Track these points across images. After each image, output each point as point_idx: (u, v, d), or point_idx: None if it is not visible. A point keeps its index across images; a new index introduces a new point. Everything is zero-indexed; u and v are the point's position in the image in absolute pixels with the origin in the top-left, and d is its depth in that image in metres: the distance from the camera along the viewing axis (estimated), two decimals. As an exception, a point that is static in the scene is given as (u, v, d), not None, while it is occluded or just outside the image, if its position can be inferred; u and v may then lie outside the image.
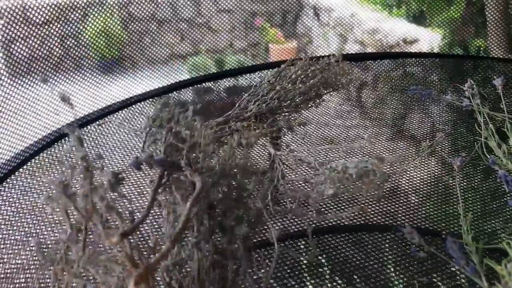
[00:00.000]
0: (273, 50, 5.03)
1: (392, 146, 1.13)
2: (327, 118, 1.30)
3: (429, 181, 1.05)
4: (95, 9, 3.11)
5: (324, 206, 0.85)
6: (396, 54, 1.15)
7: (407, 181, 1.07)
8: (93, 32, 3.33)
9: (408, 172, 1.10)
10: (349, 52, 4.48)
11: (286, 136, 0.58)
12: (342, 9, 4.71)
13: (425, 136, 1.11)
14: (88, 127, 0.90)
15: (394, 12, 4.59)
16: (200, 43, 4.72)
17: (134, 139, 0.95)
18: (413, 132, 1.18)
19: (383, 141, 1.17)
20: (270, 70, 0.85)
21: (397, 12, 4.54)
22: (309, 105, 0.60)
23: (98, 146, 0.90)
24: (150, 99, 1.03)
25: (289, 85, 0.58)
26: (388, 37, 4.08)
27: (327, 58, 0.61)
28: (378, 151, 1.06)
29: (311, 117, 1.04)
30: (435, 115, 1.18)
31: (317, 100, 0.60)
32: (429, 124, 1.16)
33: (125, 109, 0.98)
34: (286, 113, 0.59)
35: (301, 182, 0.44)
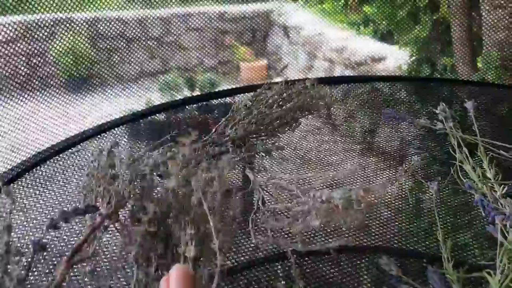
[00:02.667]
0: (244, 68, 5.05)
1: (363, 161, 1.14)
2: (299, 133, 1.29)
3: (400, 196, 1.06)
4: (62, 27, 3.06)
5: (307, 234, 0.84)
6: (368, 78, 1.16)
7: (379, 197, 1.08)
8: (61, 50, 3.27)
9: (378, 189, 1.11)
10: (325, 73, 4.54)
11: (261, 159, 0.57)
12: (310, 27, 4.78)
13: (394, 151, 1.12)
14: (61, 155, 0.86)
15: (361, 30, 4.68)
16: (170, 61, 4.70)
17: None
18: (383, 148, 1.19)
19: (354, 156, 1.17)
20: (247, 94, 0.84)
21: (364, 30, 4.63)
22: (286, 129, 0.59)
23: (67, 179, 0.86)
24: (125, 125, 0.99)
25: (266, 109, 0.57)
26: (355, 55, 4.14)
27: (303, 82, 0.61)
28: (348, 166, 1.07)
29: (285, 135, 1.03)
30: (403, 130, 1.20)
31: (294, 124, 0.60)
32: (398, 140, 1.18)
33: (100, 136, 0.93)
34: (264, 137, 0.58)
35: (283, 210, 0.42)
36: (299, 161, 1.07)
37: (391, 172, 0.95)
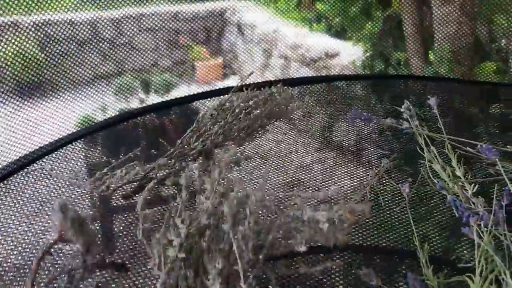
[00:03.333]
0: (199, 68, 5.01)
1: (321, 156, 1.15)
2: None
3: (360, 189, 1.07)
4: (9, 31, 2.95)
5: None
6: (332, 77, 1.16)
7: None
8: (8, 54, 3.15)
9: (338, 182, 1.12)
10: (281, 70, 4.55)
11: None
12: (265, 25, 4.79)
13: (351, 146, 1.13)
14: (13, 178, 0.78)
15: (314, 27, 4.73)
16: (124, 63, 4.60)
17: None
18: (341, 142, 1.20)
19: (312, 152, 1.18)
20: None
21: (318, 27, 4.68)
22: (254, 137, 0.58)
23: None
24: (84, 138, 0.94)
25: (233, 118, 0.55)
26: (310, 52, 4.18)
27: (269, 88, 0.60)
28: (307, 162, 1.07)
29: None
30: (360, 125, 1.21)
31: (262, 131, 0.58)
32: (355, 134, 1.19)
33: (56, 152, 0.86)
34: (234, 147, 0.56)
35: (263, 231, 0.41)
36: (258, 160, 1.06)
37: (358, 170, 0.96)
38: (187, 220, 0.39)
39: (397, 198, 0.61)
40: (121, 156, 0.58)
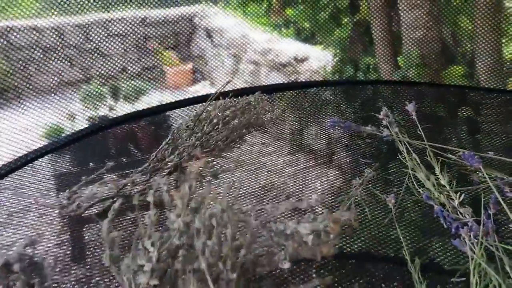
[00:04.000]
0: (169, 73, 4.96)
1: (292, 159, 1.15)
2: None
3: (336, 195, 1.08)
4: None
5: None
6: (308, 84, 1.15)
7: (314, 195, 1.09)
8: (-30, 62, 3.06)
9: (313, 185, 1.12)
10: (251, 76, 4.55)
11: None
12: (233, 30, 4.78)
13: (327, 151, 1.13)
14: None
15: (283, 32, 4.76)
16: (91, 70, 4.52)
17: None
18: (311, 146, 1.20)
19: (284, 155, 1.18)
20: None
21: (286, 32, 4.70)
22: (232, 147, 0.56)
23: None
24: (51, 154, 0.90)
25: (210, 129, 0.53)
26: (280, 57, 4.20)
27: (247, 98, 0.58)
28: (279, 166, 1.07)
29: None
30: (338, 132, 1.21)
31: (240, 141, 0.57)
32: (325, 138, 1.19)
33: (24, 168, 0.81)
34: (209, 160, 0.54)
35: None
36: (231, 164, 1.05)
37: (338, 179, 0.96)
38: (157, 242, 0.37)
39: (383, 209, 0.60)
40: (92, 169, 0.56)
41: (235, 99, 0.59)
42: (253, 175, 0.91)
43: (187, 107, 1.00)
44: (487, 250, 0.38)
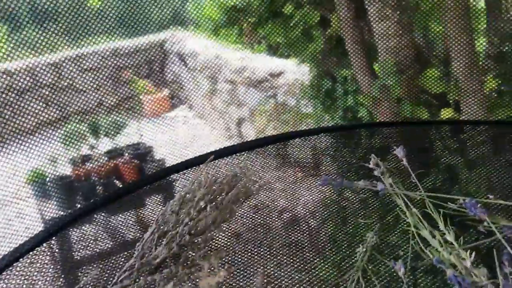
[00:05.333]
0: (146, 102, 4.93)
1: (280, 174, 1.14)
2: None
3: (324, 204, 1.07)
4: None
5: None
6: (293, 134, 1.12)
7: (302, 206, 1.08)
8: None
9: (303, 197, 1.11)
10: (229, 95, 4.54)
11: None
12: (206, 52, 4.79)
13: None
14: None
15: (256, 48, 4.78)
16: (67, 107, 4.47)
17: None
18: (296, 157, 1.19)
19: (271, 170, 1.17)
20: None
21: (259, 48, 4.73)
22: (222, 226, 0.53)
23: None
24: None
25: (198, 212, 0.50)
26: (256, 73, 4.21)
27: (231, 171, 0.55)
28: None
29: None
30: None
31: (230, 217, 0.54)
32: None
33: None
34: (200, 246, 0.51)
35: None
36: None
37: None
38: None
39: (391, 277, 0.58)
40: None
41: (219, 175, 0.55)
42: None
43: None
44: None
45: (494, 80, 1.84)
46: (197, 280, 0.43)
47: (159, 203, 1.01)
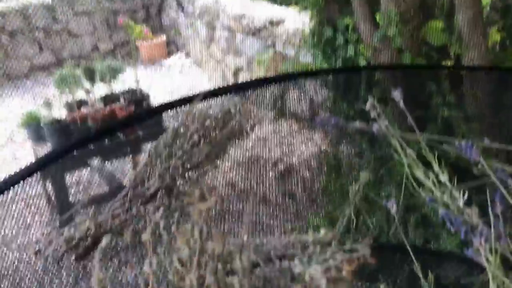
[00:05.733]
0: (143, 47, 4.84)
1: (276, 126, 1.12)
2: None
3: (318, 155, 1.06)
4: None
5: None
6: (280, 77, 1.07)
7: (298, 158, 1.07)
8: None
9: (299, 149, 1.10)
10: (227, 42, 4.45)
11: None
12: (205, -3, 4.66)
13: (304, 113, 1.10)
14: None
15: (256, -6, 4.64)
16: (62, 52, 4.39)
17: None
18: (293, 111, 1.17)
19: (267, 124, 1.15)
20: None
21: (260, -6, 4.59)
22: (215, 162, 0.51)
23: None
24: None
25: (191, 146, 0.48)
26: (255, 21, 4.10)
27: (226, 106, 0.52)
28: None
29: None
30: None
31: (223, 153, 0.52)
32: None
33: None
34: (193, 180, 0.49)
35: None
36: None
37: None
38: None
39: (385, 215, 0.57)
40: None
41: (213, 109, 0.53)
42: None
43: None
44: (502, 255, 0.36)
45: (498, 33, 1.79)
46: (188, 210, 0.41)
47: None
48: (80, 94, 2.49)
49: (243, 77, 4.32)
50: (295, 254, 0.35)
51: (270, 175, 1.12)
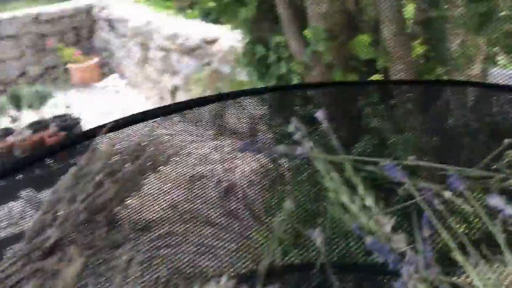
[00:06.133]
0: (74, 70, 4.69)
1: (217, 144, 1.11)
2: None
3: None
4: None
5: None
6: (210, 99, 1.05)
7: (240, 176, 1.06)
8: None
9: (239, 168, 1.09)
10: (162, 62, 4.40)
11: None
12: (137, 18, 4.59)
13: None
14: None
15: (189, 14, 4.63)
16: (-14, 77, 4.18)
17: None
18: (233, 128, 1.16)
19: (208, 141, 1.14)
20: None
21: (192, 13, 4.59)
22: (126, 200, 0.47)
23: None
24: None
25: (95, 188, 0.43)
26: (189, 40, 4.09)
27: (136, 139, 0.49)
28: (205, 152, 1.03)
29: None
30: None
31: (135, 191, 0.48)
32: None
33: None
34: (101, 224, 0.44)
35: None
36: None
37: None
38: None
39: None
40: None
41: (122, 142, 0.50)
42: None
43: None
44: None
45: (422, 45, 1.86)
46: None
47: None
48: (6, 122, 2.37)
49: (180, 97, 4.27)
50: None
51: (213, 194, 1.10)
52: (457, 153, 0.96)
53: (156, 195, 0.87)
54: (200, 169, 1.10)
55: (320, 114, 0.51)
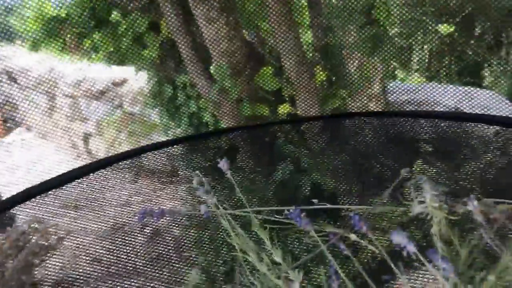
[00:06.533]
0: (-26, 129, 4.40)
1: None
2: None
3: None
4: None
5: None
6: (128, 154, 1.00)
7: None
8: None
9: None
10: (71, 109, 4.22)
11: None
12: (38, 67, 4.40)
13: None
14: None
15: (94, 57, 4.52)
16: None
17: None
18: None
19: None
20: None
21: (98, 57, 4.48)
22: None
23: None
24: None
25: None
26: (97, 84, 3.98)
27: (20, 229, 0.45)
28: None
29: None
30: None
31: (31, 275, 0.44)
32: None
33: None
34: None
35: None
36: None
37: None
38: None
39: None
40: None
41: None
42: None
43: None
44: None
45: (323, 72, 1.93)
46: None
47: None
48: None
49: (94, 143, 4.12)
50: None
51: (139, 240, 1.04)
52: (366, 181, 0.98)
53: (77, 250, 0.82)
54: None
55: (223, 164, 0.49)
